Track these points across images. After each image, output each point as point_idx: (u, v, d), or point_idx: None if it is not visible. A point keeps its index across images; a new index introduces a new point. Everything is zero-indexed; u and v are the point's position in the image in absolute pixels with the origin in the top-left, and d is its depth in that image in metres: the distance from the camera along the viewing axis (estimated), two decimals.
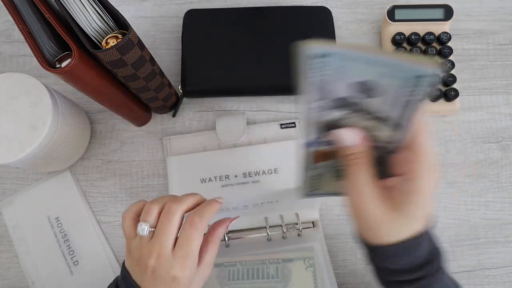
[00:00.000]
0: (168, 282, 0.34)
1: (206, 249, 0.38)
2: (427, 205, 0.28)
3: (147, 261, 0.34)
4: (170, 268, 0.34)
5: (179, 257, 0.34)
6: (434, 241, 0.31)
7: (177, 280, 0.34)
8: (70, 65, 0.37)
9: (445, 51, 0.57)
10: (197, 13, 0.59)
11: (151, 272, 0.34)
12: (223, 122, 0.56)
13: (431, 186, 0.28)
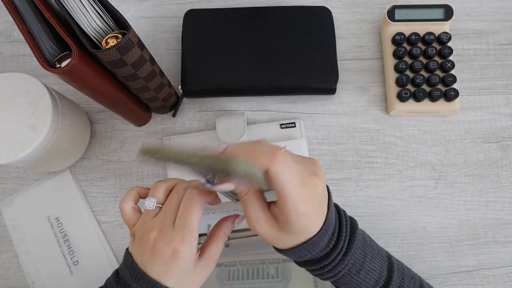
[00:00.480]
0: (168, 257, 0.33)
1: (210, 242, 0.38)
2: (301, 226, 0.33)
3: (149, 234, 0.34)
4: (170, 239, 0.33)
5: (179, 227, 0.34)
6: (333, 236, 0.36)
7: (176, 254, 0.33)
8: (70, 65, 0.37)
9: (445, 51, 0.57)
10: (197, 13, 0.59)
11: (152, 246, 0.34)
12: (223, 122, 0.56)
13: (300, 212, 0.32)
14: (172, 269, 0.34)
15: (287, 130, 0.57)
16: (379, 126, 0.58)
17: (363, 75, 0.60)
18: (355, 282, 0.38)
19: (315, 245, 0.35)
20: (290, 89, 0.56)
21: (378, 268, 0.38)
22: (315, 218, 0.34)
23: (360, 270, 0.37)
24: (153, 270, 0.34)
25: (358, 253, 0.37)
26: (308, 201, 0.32)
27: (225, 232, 0.39)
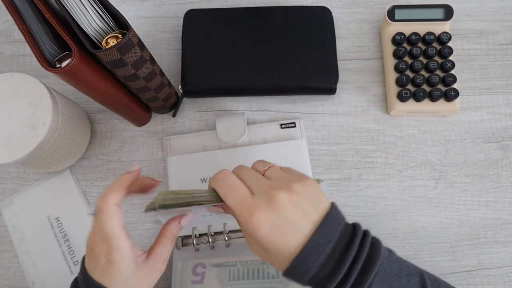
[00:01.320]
0: (104, 261, 0.35)
1: (157, 242, 0.39)
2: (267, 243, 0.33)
3: (88, 240, 0.37)
4: (100, 248, 0.35)
5: (104, 238, 0.35)
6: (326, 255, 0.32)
7: (108, 260, 0.35)
8: (70, 65, 0.37)
9: (445, 51, 0.57)
10: (197, 13, 0.59)
11: (91, 251, 0.36)
12: (223, 122, 0.56)
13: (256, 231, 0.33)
14: (110, 273, 0.35)
15: (287, 130, 0.57)
16: (379, 126, 0.58)
17: (363, 75, 0.60)
18: None
19: (302, 267, 0.32)
20: (290, 89, 0.56)
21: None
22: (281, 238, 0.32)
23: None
24: (97, 274, 0.35)
25: (378, 284, 0.32)
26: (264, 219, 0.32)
27: (172, 232, 0.40)
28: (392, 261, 0.34)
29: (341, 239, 0.33)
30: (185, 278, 0.50)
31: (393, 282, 0.33)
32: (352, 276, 0.31)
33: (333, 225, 0.33)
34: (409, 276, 0.34)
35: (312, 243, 0.32)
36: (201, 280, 0.49)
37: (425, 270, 0.36)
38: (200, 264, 0.50)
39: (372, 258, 0.32)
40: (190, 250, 0.52)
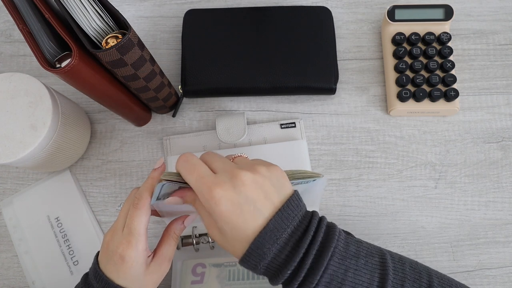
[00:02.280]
0: (116, 259, 0.36)
1: (162, 242, 0.41)
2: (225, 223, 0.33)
3: (105, 237, 0.39)
4: (118, 243, 0.36)
5: (125, 234, 0.37)
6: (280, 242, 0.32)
7: (122, 258, 0.36)
8: (70, 65, 0.37)
9: (445, 51, 0.57)
10: (197, 13, 0.59)
11: (106, 248, 0.38)
12: (223, 122, 0.56)
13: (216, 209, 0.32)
14: (122, 270, 0.36)
15: (287, 130, 0.57)
16: (379, 126, 0.58)
17: (363, 75, 0.60)
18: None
19: (259, 252, 0.32)
20: (290, 89, 0.56)
21: (366, 280, 0.33)
22: (240, 217, 0.32)
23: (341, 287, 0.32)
24: (108, 269, 0.37)
25: (335, 267, 0.32)
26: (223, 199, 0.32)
27: (176, 232, 0.41)
28: (349, 242, 0.34)
29: (299, 226, 0.33)
30: (184, 278, 0.50)
31: (350, 263, 0.33)
32: (307, 261, 0.31)
33: (293, 211, 0.33)
34: (368, 257, 0.33)
35: (270, 226, 0.32)
36: (201, 280, 0.49)
37: (389, 250, 0.36)
38: (200, 264, 0.50)
39: (327, 241, 0.32)
40: (190, 250, 0.52)
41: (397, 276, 0.34)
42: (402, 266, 0.35)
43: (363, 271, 0.33)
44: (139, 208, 0.37)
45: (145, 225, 0.37)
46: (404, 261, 0.35)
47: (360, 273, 0.33)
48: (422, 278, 0.34)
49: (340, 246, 0.33)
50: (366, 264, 0.33)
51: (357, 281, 0.32)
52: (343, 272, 0.32)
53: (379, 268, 0.33)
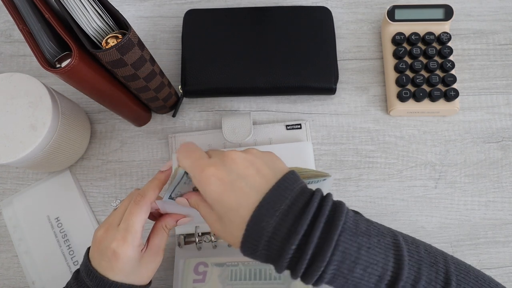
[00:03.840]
0: (110, 255, 0.36)
1: (153, 234, 0.41)
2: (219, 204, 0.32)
3: (97, 233, 0.38)
4: (112, 239, 0.36)
5: (121, 229, 0.37)
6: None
7: (116, 254, 0.36)
8: (70, 65, 0.37)
9: (445, 51, 0.57)
10: (197, 13, 0.59)
11: (98, 244, 0.37)
12: (229, 121, 0.55)
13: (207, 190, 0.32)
14: (116, 266, 0.36)
15: (292, 132, 0.56)
16: (379, 126, 0.58)
17: (363, 75, 0.60)
18: (351, 283, 0.29)
19: (256, 229, 0.29)
20: (290, 89, 0.56)
21: (381, 260, 0.30)
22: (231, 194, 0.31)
23: (355, 267, 0.29)
24: (101, 266, 0.37)
25: (347, 244, 0.29)
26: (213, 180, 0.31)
27: (167, 225, 0.41)
28: (358, 220, 0.31)
29: (299, 196, 0.30)
30: (186, 276, 0.50)
31: (363, 240, 0.30)
32: (314, 233, 0.28)
33: (292, 184, 0.31)
34: (379, 236, 0.31)
35: (266, 199, 0.30)
36: (203, 279, 0.49)
37: (400, 232, 0.33)
38: (202, 263, 0.50)
39: (335, 215, 0.30)
40: (192, 249, 0.52)
41: (412, 258, 0.31)
42: (416, 249, 0.32)
43: (377, 250, 0.30)
44: (141, 206, 0.37)
45: (143, 223, 0.37)
46: (418, 244, 0.32)
47: (374, 252, 0.29)
48: (438, 263, 0.31)
49: (350, 222, 0.30)
50: (379, 243, 0.30)
51: (371, 261, 0.29)
52: (356, 250, 0.29)
53: (392, 248, 0.30)
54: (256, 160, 0.33)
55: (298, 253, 0.29)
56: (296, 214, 0.29)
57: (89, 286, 0.37)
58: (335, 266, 0.29)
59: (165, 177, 0.40)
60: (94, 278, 0.36)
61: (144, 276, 0.39)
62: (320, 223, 0.29)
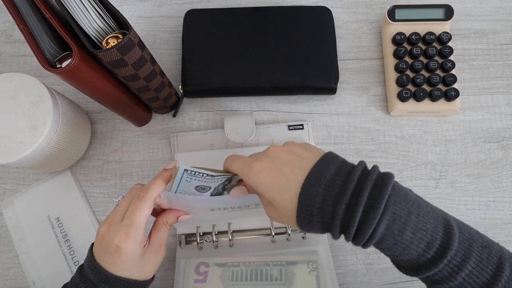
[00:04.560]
0: (113, 250, 0.36)
1: (154, 229, 0.41)
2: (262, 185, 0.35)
3: (100, 229, 0.38)
4: (115, 234, 0.37)
5: (124, 225, 0.37)
6: None
7: (119, 249, 0.36)
8: (71, 65, 0.37)
9: (446, 51, 0.57)
10: (197, 13, 0.59)
11: (101, 239, 0.38)
12: (231, 121, 0.55)
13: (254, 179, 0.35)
14: (118, 261, 0.37)
15: (294, 132, 0.56)
16: (379, 126, 0.58)
17: (364, 75, 0.60)
18: (400, 245, 0.30)
19: (307, 197, 0.32)
20: (290, 89, 0.56)
21: (431, 228, 0.30)
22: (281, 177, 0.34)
23: (404, 230, 0.29)
24: (104, 261, 0.37)
25: (397, 207, 0.30)
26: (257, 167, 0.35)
27: (168, 221, 0.42)
28: (408, 191, 0.32)
29: (342, 167, 0.32)
30: (188, 276, 0.50)
31: (412, 207, 0.30)
32: (364, 193, 0.30)
33: (333, 159, 0.33)
34: (430, 208, 0.31)
35: (313, 173, 0.32)
36: (204, 279, 0.49)
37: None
38: (203, 263, 0.50)
39: (383, 181, 0.30)
40: (193, 248, 0.52)
41: (463, 236, 0.31)
42: (468, 230, 0.32)
43: (427, 218, 0.30)
44: (144, 201, 0.37)
45: (146, 218, 0.38)
46: (470, 227, 0.33)
47: (424, 220, 0.30)
48: (491, 247, 0.31)
49: (399, 189, 0.31)
50: (428, 214, 0.31)
51: (421, 226, 0.30)
52: (406, 214, 0.30)
53: (443, 222, 0.31)
54: (295, 148, 0.36)
55: (349, 214, 0.30)
56: (343, 179, 0.31)
57: (93, 280, 0.37)
58: (385, 225, 0.30)
59: (169, 175, 0.40)
60: (97, 273, 0.37)
61: (146, 272, 0.39)
62: (368, 185, 0.30)
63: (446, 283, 0.30)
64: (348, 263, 0.53)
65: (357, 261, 0.53)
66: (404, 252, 0.30)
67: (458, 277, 0.29)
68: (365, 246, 0.31)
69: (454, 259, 0.29)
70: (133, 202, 0.38)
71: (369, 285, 0.52)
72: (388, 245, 0.31)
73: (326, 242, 0.51)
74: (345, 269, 0.53)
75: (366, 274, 0.53)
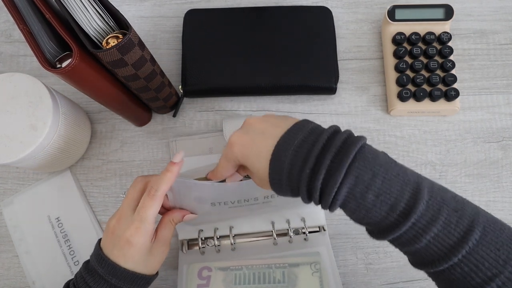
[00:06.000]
0: (123, 243, 0.38)
1: (161, 226, 0.42)
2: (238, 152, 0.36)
3: (109, 222, 0.39)
4: (126, 228, 0.38)
5: (135, 220, 0.38)
6: None
7: (130, 242, 0.38)
8: (71, 65, 0.37)
9: (446, 51, 0.57)
10: (197, 13, 0.59)
11: (111, 233, 0.39)
12: (230, 124, 0.55)
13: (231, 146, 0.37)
14: (128, 254, 0.38)
15: None
16: (379, 126, 0.58)
17: (363, 75, 0.60)
18: (362, 208, 0.30)
19: (277, 165, 0.33)
20: (290, 89, 0.56)
21: (396, 191, 0.30)
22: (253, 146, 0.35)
23: (366, 193, 0.30)
24: (113, 254, 0.38)
25: (361, 171, 0.30)
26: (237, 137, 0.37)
27: (173, 219, 0.43)
28: (379, 154, 0.32)
29: (311, 132, 0.33)
30: (190, 281, 0.49)
31: (379, 170, 0.30)
32: (326, 157, 0.30)
33: (304, 125, 0.34)
34: (401, 172, 0.31)
35: (282, 140, 0.33)
36: (207, 283, 0.49)
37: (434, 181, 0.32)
38: (205, 268, 0.50)
39: (349, 145, 0.31)
40: (196, 253, 0.52)
41: (433, 199, 0.30)
42: (442, 193, 0.31)
43: (394, 181, 0.30)
44: (155, 199, 0.38)
45: (156, 214, 0.39)
46: (447, 190, 0.32)
47: (390, 183, 0.30)
48: (465, 210, 0.30)
49: (367, 152, 0.31)
50: (397, 177, 0.30)
51: (385, 190, 0.30)
52: (370, 178, 0.30)
53: (412, 185, 0.30)
54: (270, 118, 0.37)
55: (313, 179, 0.31)
56: (309, 146, 0.32)
57: (100, 273, 0.38)
58: (347, 189, 0.30)
59: (177, 169, 0.40)
60: (106, 265, 0.38)
61: (152, 266, 0.40)
62: (332, 149, 0.31)
63: (412, 245, 0.30)
64: (348, 263, 0.53)
65: (357, 261, 0.53)
66: (367, 215, 0.30)
67: (423, 239, 0.29)
68: (331, 210, 0.32)
69: (420, 222, 0.29)
70: (144, 199, 0.39)
71: (369, 285, 0.52)
72: (351, 209, 0.31)
73: (329, 243, 0.51)
74: (345, 269, 0.53)
75: (366, 274, 0.53)
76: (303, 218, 0.52)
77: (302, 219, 0.52)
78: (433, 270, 0.30)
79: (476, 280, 0.28)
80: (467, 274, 0.29)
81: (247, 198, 0.46)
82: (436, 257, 0.29)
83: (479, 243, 0.29)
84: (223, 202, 0.46)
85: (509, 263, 0.28)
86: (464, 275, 0.29)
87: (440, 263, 0.29)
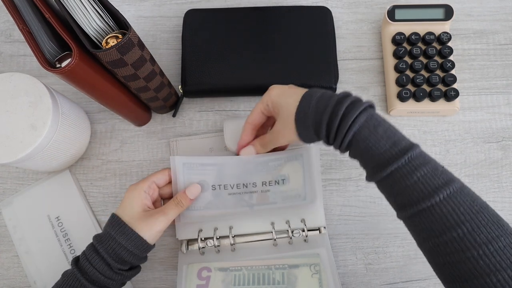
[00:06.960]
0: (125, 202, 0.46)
1: (169, 203, 0.47)
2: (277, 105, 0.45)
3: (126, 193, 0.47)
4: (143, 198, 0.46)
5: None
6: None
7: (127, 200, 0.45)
8: (70, 65, 0.37)
9: (445, 51, 0.57)
10: (197, 13, 0.59)
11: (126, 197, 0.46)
12: (230, 125, 0.55)
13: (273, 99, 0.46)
14: (123, 203, 0.45)
15: None
16: None
17: (363, 75, 0.60)
18: (373, 137, 0.37)
19: (302, 114, 0.41)
20: None
21: (398, 135, 0.38)
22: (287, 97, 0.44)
23: (378, 126, 0.38)
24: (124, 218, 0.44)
25: (373, 114, 0.39)
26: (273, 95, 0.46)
27: (182, 201, 0.48)
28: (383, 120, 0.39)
29: (326, 92, 0.41)
30: (190, 281, 0.49)
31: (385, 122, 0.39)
32: (345, 102, 0.38)
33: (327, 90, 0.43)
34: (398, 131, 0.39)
35: (305, 95, 0.42)
36: (206, 284, 0.49)
37: None
38: (205, 268, 0.50)
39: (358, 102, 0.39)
40: (195, 254, 0.52)
41: (424, 155, 0.37)
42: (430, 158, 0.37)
43: (397, 131, 0.39)
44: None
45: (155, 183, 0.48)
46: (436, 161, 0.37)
47: (395, 130, 0.39)
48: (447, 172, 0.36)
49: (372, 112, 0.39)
50: (396, 131, 0.39)
51: (391, 129, 0.38)
52: (381, 119, 0.39)
53: (408, 140, 0.38)
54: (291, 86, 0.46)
55: (337, 107, 0.39)
56: (333, 94, 0.41)
57: (111, 234, 0.43)
58: (364, 117, 0.38)
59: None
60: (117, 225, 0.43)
61: (151, 234, 0.44)
62: (352, 97, 0.39)
63: (404, 181, 0.36)
64: (347, 263, 0.53)
65: (356, 261, 0.53)
66: (376, 144, 0.37)
67: (414, 176, 0.35)
68: (347, 136, 0.38)
69: (414, 161, 0.36)
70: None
71: (369, 285, 0.52)
72: (364, 136, 0.38)
73: (329, 244, 0.51)
74: (345, 269, 0.53)
75: (365, 274, 0.53)
76: (303, 219, 0.52)
77: (302, 220, 0.52)
78: (416, 209, 0.35)
79: (451, 222, 0.33)
80: (444, 215, 0.33)
81: (246, 183, 0.50)
82: (421, 196, 0.34)
83: (459, 191, 0.34)
84: (223, 185, 0.50)
85: (481, 214, 0.32)
86: (442, 215, 0.33)
87: (424, 201, 0.34)
